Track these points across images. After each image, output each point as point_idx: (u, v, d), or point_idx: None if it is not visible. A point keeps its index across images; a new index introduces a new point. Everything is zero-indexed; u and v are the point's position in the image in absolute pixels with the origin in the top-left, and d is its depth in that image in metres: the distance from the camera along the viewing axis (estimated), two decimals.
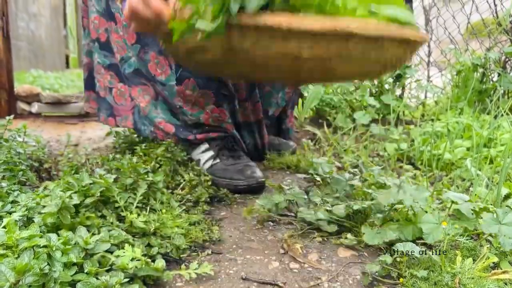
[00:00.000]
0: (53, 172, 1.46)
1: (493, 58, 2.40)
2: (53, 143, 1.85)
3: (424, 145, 1.74)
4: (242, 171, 1.31)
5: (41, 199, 0.83)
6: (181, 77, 1.34)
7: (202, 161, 1.40)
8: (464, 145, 1.72)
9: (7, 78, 2.33)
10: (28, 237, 0.68)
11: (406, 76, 2.42)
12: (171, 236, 0.88)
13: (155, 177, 1.01)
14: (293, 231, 0.99)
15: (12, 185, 0.99)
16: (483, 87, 2.40)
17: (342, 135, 2.11)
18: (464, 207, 0.88)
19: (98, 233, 0.78)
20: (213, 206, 1.17)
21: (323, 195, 1.10)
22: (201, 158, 1.41)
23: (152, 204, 0.98)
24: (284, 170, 1.61)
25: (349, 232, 0.95)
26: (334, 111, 2.38)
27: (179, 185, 1.19)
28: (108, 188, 0.89)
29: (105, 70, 1.52)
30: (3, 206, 0.85)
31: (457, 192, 1.31)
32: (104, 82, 1.54)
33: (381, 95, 2.39)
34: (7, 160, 1.11)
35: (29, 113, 2.46)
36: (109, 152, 1.71)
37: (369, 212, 0.97)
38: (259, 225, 1.04)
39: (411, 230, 0.88)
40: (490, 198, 1.17)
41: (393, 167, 1.63)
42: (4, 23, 2.29)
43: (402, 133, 1.99)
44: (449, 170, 1.61)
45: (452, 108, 2.34)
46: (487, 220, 0.82)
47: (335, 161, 1.68)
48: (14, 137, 1.46)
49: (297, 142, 2.04)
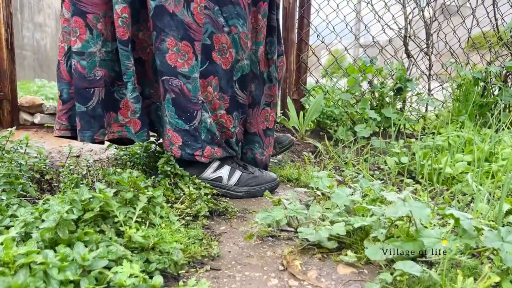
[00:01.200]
0: (54, 183, 1.46)
1: (494, 72, 2.40)
2: (54, 154, 1.85)
3: (425, 159, 1.73)
4: (264, 175, 1.44)
5: (40, 214, 0.83)
6: (207, 72, 1.29)
7: (225, 177, 1.39)
8: (465, 159, 1.72)
9: (10, 89, 2.35)
10: (25, 253, 0.68)
11: (407, 89, 2.43)
12: (170, 251, 0.88)
13: (155, 191, 1.01)
14: (292, 247, 0.98)
15: (11, 199, 0.98)
16: (484, 101, 2.40)
17: (343, 147, 2.11)
18: (466, 224, 0.87)
19: (96, 249, 0.78)
20: (212, 220, 1.16)
21: (324, 210, 1.09)
22: (222, 175, 1.40)
23: (152, 219, 0.98)
24: (284, 183, 1.61)
25: (349, 248, 0.95)
26: (335, 124, 2.38)
27: (179, 199, 1.19)
28: (107, 202, 0.89)
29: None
30: (1, 220, 0.85)
31: (458, 207, 1.30)
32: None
33: (382, 108, 2.39)
34: (7, 172, 1.11)
35: (31, 124, 2.47)
36: (110, 163, 1.71)
37: (369, 229, 0.96)
38: (258, 240, 1.04)
39: (412, 246, 0.87)
40: (492, 214, 1.16)
41: (394, 181, 1.62)
42: (8, 35, 2.31)
43: (403, 146, 1.99)
44: (450, 184, 1.60)
45: (453, 121, 2.34)
46: (489, 236, 0.82)
47: (336, 174, 1.68)
48: (16, 148, 1.47)
49: (298, 154, 2.04)
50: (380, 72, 2.48)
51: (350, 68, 2.49)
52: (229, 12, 1.28)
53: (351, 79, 2.46)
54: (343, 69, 2.55)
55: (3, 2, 2.28)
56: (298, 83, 2.56)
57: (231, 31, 1.30)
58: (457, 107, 2.48)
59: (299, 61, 2.54)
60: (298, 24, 2.52)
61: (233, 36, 1.30)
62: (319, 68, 2.68)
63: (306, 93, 2.55)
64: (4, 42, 2.30)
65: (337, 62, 2.61)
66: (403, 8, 2.59)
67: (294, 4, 2.47)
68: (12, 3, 2.38)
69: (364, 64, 2.45)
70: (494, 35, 2.68)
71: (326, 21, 2.48)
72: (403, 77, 2.40)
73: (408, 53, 2.67)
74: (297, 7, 2.49)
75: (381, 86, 2.46)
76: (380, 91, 2.44)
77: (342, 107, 2.43)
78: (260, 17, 1.41)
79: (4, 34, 2.29)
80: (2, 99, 2.34)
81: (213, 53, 1.29)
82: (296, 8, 2.49)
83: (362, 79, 2.47)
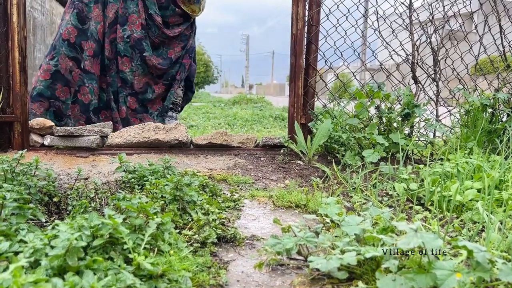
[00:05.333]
0: (63, 206, 1.46)
1: (502, 98, 2.40)
2: (63, 176, 1.86)
3: (433, 185, 1.72)
4: None
5: (49, 239, 0.83)
6: None
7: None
8: (474, 187, 1.70)
9: (21, 111, 2.38)
10: (34, 281, 0.67)
11: (414, 115, 2.43)
12: (178, 279, 0.87)
13: (163, 217, 1.01)
14: (302, 276, 0.97)
15: (21, 223, 0.99)
16: (493, 127, 2.40)
17: (351, 172, 2.10)
18: (480, 257, 0.86)
19: (105, 277, 0.77)
20: (221, 247, 1.15)
21: (333, 238, 1.08)
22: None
23: (160, 245, 0.97)
24: (292, 208, 1.60)
25: (359, 279, 0.93)
26: (342, 148, 2.38)
27: (187, 225, 1.19)
28: (116, 229, 0.89)
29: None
30: (11, 246, 0.85)
31: (468, 236, 1.28)
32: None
33: (390, 134, 2.39)
34: (17, 196, 1.12)
35: (41, 145, 2.49)
36: (118, 186, 1.71)
37: (380, 259, 0.95)
38: (267, 269, 1.02)
39: (425, 279, 0.86)
40: (503, 244, 1.14)
41: (403, 208, 1.60)
42: (22, 58, 2.36)
43: (411, 172, 1.97)
44: (460, 212, 1.58)
45: (462, 147, 2.32)
46: (504, 270, 0.80)
47: (344, 200, 1.66)
48: (26, 171, 1.48)
49: (305, 179, 2.03)
50: (387, 98, 2.49)
51: (357, 93, 2.51)
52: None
53: (358, 104, 2.47)
54: (351, 94, 2.56)
55: (17, 26, 2.34)
56: (306, 107, 2.57)
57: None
58: (465, 133, 2.47)
59: (307, 85, 2.56)
60: (306, 50, 2.55)
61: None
62: (326, 92, 2.69)
63: (313, 118, 2.56)
64: (17, 65, 2.35)
65: (345, 87, 2.63)
66: (411, 35, 2.62)
67: (302, 31, 2.51)
68: (26, 25, 2.44)
69: (371, 89, 2.47)
70: (501, 61, 2.70)
71: (334, 47, 2.51)
72: (411, 103, 2.41)
73: (415, 79, 2.69)
74: (305, 33, 2.53)
75: (388, 111, 2.47)
76: (387, 117, 2.44)
77: (350, 131, 2.44)
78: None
79: (17, 58, 2.34)
80: (13, 121, 2.38)
81: None
82: (305, 34, 2.52)
83: (370, 104, 2.48)
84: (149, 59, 3.07)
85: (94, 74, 2.99)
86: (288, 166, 2.27)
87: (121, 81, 3.09)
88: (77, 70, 2.95)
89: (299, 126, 2.47)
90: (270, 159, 2.45)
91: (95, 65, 3.00)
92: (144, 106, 3.21)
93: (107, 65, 3.06)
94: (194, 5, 3.18)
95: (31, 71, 7.14)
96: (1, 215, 1.02)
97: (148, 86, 3.19)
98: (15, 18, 2.33)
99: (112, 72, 3.08)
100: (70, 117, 2.99)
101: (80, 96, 2.98)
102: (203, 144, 2.62)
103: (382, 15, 2.58)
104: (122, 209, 1.04)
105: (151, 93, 3.20)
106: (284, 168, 2.23)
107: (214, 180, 1.94)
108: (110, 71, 3.07)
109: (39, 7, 7.48)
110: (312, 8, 2.51)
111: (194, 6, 3.18)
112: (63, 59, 2.92)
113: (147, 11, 3.05)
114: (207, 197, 1.40)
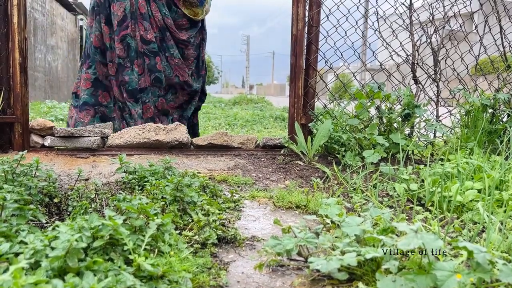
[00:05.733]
0: (63, 207, 1.46)
1: (502, 99, 2.40)
2: (64, 177, 1.86)
3: (434, 186, 1.72)
4: None
5: (49, 241, 0.83)
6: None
7: None
8: (475, 187, 1.70)
9: (22, 112, 2.39)
10: (34, 283, 0.67)
11: (415, 115, 2.43)
12: (179, 280, 0.87)
13: (164, 218, 1.01)
14: (303, 277, 0.97)
15: (21, 224, 0.99)
16: (493, 127, 2.39)
17: (351, 173, 2.10)
18: (480, 258, 0.86)
19: (105, 278, 0.77)
20: (221, 248, 1.15)
21: (334, 239, 1.08)
22: None
23: (160, 246, 0.97)
24: (292, 209, 1.60)
25: (360, 280, 0.93)
26: (343, 149, 2.38)
27: (187, 225, 1.19)
28: (117, 230, 0.89)
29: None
30: (11, 247, 0.85)
31: (469, 236, 1.28)
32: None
33: (390, 134, 2.39)
34: (17, 197, 1.12)
35: (41, 146, 2.49)
36: (118, 187, 1.72)
37: (380, 260, 0.95)
38: (267, 270, 1.02)
39: (425, 279, 0.86)
40: (504, 245, 1.14)
41: (403, 208, 1.60)
42: (22, 59, 2.36)
43: (412, 173, 1.97)
44: (460, 212, 1.58)
45: (462, 148, 2.32)
46: (504, 270, 0.80)
47: (345, 201, 1.66)
48: (27, 171, 1.48)
49: (306, 179, 2.04)
50: (388, 98, 2.49)
51: (358, 94, 2.51)
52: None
53: (358, 105, 2.47)
54: (351, 94, 2.56)
55: (18, 27, 2.35)
56: (306, 108, 2.58)
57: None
58: (465, 133, 2.47)
59: (307, 86, 2.56)
60: (306, 50, 2.55)
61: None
62: (327, 92, 2.70)
63: (314, 118, 2.56)
64: (18, 66, 2.35)
65: (345, 87, 2.63)
66: (411, 35, 2.62)
67: (302, 31, 2.51)
68: (27, 26, 2.44)
69: (371, 90, 2.47)
70: (502, 62, 2.70)
71: (334, 48, 2.51)
72: (411, 103, 2.41)
73: (416, 79, 2.68)
74: (306, 33, 2.53)
75: (389, 111, 2.47)
76: (388, 117, 2.44)
77: (350, 132, 2.44)
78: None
79: (18, 59, 2.35)
80: (14, 122, 2.38)
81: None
82: (305, 35, 2.52)
83: (370, 104, 2.48)
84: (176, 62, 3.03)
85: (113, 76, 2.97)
86: (288, 166, 2.27)
87: (155, 81, 3.01)
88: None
89: (300, 126, 2.47)
90: (271, 160, 2.45)
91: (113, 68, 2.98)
92: (166, 109, 3.13)
93: (120, 64, 2.96)
94: (197, 8, 3.13)
95: (31, 72, 7.14)
96: (2, 216, 1.02)
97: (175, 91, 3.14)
98: (15, 19, 2.33)
99: (128, 70, 2.96)
100: (115, 119, 3.02)
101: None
102: (204, 145, 2.62)
103: (382, 15, 2.58)
104: (122, 210, 1.04)
105: (173, 99, 3.14)
106: (284, 168, 2.23)
107: (215, 180, 1.95)
108: (125, 69, 2.97)
109: (39, 8, 7.49)
110: (312, 8, 2.51)
111: (197, 9, 3.13)
112: (99, 66, 2.97)
113: (160, 12, 3.00)
114: (207, 198, 1.40)
